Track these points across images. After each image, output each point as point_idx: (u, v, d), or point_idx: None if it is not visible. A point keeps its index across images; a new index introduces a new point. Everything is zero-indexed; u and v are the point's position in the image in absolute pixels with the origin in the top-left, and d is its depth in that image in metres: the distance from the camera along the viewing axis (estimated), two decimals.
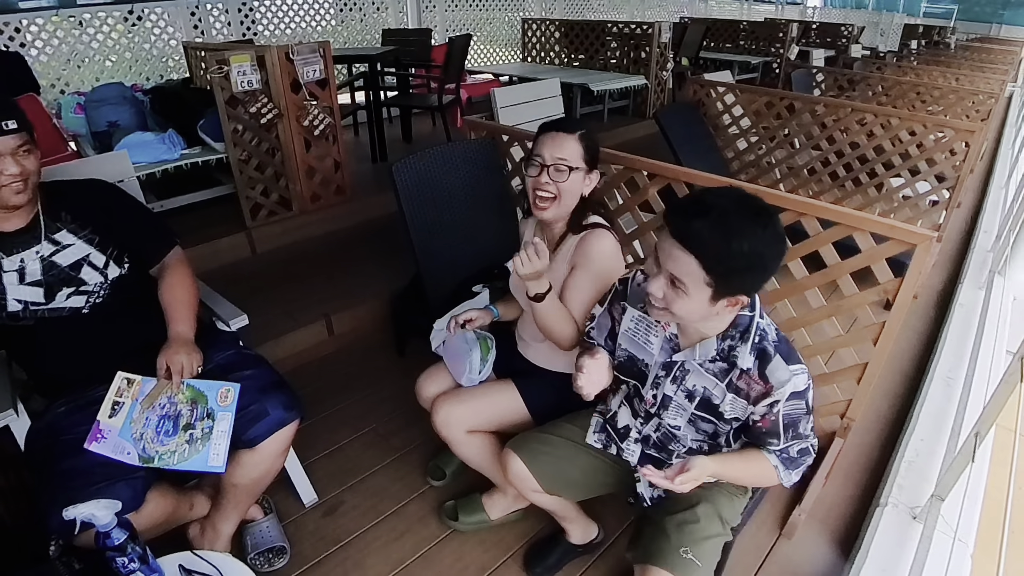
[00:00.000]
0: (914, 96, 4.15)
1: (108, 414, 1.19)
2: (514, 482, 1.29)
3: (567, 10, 7.97)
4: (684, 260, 0.91)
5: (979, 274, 2.94)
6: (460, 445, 1.43)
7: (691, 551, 1.06)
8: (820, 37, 8.70)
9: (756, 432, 1.06)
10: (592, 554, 1.49)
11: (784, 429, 1.03)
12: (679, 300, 0.95)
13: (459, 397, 1.44)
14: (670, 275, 0.94)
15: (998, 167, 4.90)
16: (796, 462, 1.08)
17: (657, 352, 1.13)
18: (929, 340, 2.47)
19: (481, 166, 2.09)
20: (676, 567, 1.04)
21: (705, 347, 1.04)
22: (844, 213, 1.49)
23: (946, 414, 1.93)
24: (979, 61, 7.47)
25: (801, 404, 1.01)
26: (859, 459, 1.82)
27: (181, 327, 1.30)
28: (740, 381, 1.02)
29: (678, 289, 0.94)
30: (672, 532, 1.09)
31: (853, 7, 15.13)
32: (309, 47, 2.79)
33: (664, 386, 1.12)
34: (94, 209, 1.30)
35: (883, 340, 1.49)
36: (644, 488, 1.23)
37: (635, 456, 1.24)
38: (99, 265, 1.28)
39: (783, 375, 0.98)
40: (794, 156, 3.36)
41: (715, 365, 1.05)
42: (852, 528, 1.59)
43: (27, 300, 1.22)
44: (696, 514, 1.12)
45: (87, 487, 1.09)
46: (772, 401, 1.00)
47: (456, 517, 1.54)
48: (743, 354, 1.00)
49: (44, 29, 3.99)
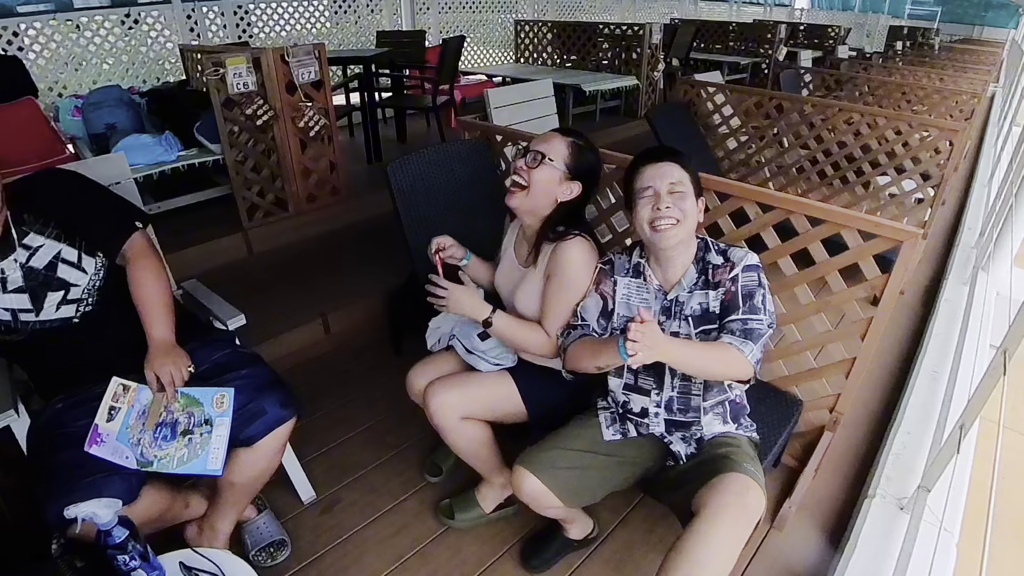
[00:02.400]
0: (899, 96, 4.21)
1: (106, 418, 1.18)
2: (527, 501, 1.26)
3: (559, 12, 8.01)
4: (670, 170, 1.20)
5: (963, 270, 2.98)
6: (452, 433, 1.40)
7: (751, 466, 1.15)
8: (808, 38, 8.76)
9: (722, 307, 1.21)
10: (588, 548, 1.51)
11: (742, 300, 1.19)
12: (684, 201, 1.19)
13: (454, 382, 1.41)
14: (668, 186, 1.19)
15: (981, 165, 4.97)
16: (752, 334, 1.16)
17: (653, 303, 1.26)
18: (915, 335, 2.51)
19: (475, 166, 2.10)
20: (745, 471, 1.11)
21: (688, 276, 1.24)
22: (832, 211, 1.50)
23: (932, 407, 1.96)
24: (962, 62, 7.59)
25: (754, 276, 1.20)
26: (848, 452, 1.84)
27: (157, 330, 1.24)
28: (716, 275, 1.22)
29: (679, 194, 1.19)
30: (726, 456, 1.17)
31: (839, 9, 15.28)
32: (304, 49, 2.80)
33: (668, 327, 1.25)
34: (53, 203, 1.24)
35: (871, 335, 1.50)
36: (679, 446, 1.28)
37: (660, 427, 1.29)
38: (73, 260, 1.23)
39: (739, 252, 1.23)
40: (783, 155, 3.40)
41: (699, 281, 1.24)
42: (841, 519, 1.61)
43: (14, 308, 1.19)
44: (737, 451, 1.21)
45: (82, 479, 1.09)
46: (734, 274, 1.20)
47: (452, 515, 1.56)
48: (712, 257, 1.24)
49: (42, 33, 3.99)
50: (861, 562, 1.39)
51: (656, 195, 1.19)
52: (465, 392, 1.40)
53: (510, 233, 1.52)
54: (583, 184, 1.37)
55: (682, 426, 1.27)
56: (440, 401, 1.37)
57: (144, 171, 2.66)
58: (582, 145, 1.36)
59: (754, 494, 1.07)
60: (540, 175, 1.32)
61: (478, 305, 1.31)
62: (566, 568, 1.47)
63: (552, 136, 1.36)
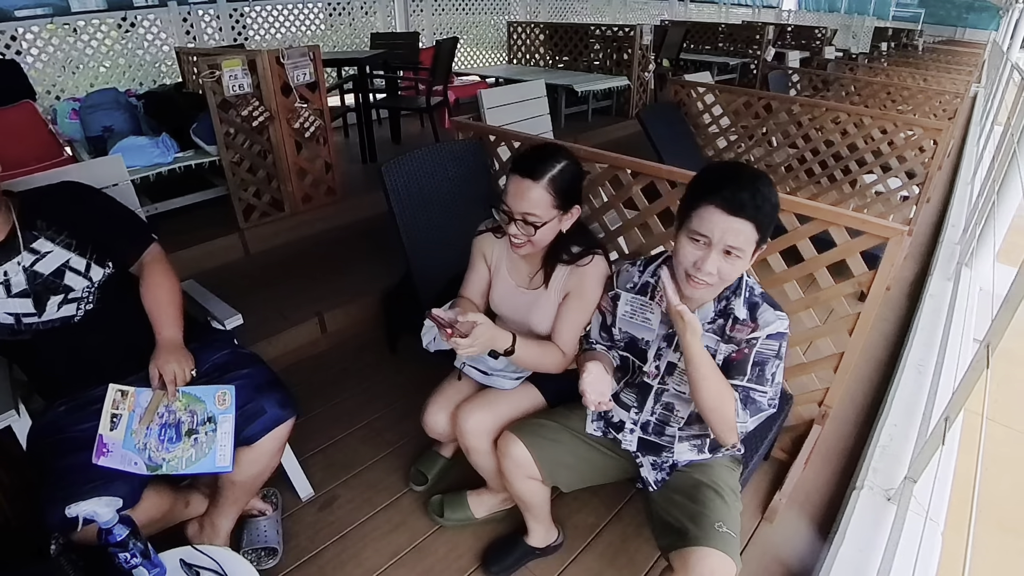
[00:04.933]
0: (885, 96, 4.27)
1: (109, 427, 1.18)
2: (510, 466, 1.27)
3: (551, 13, 8.03)
4: (741, 229, 0.99)
5: (947, 266, 3.02)
6: (482, 455, 1.38)
7: (724, 524, 1.08)
8: (795, 39, 8.83)
9: (726, 364, 1.11)
10: (550, 557, 1.50)
11: (752, 366, 1.08)
12: (734, 267, 1.03)
13: (483, 403, 1.38)
14: (726, 247, 1.01)
15: (964, 164, 5.04)
16: (753, 405, 1.08)
17: (657, 327, 1.20)
18: (901, 329, 2.55)
19: (469, 166, 2.11)
20: (718, 543, 1.05)
21: (704, 311, 1.13)
22: (820, 209, 1.51)
23: (918, 400, 1.99)
24: (945, 63, 7.68)
25: (775, 346, 1.08)
26: (836, 444, 1.87)
27: (168, 331, 1.28)
28: (734, 330, 1.10)
29: (733, 257, 1.02)
30: (700, 510, 1.11)
31: (826, 10, 15.39)
32: (299, 51, 2.81)
33: (667, 355, 1.19)
34: (67, 212, 1.27)
35: (858, 330, 1.52)
36: (648, 472, 1.26)
37: (633, 444, 1.28)
38: (80, 269, 1.25)
39: (770, 316, 1.09)
40: (772, 154, 3.44)
41: (714, 324, 1.13)
42: (830, 510, 1.63)
43: (18, 312, 1.19)
44: (712, 489, 1.16)
45: (85, 484, 1.09)
46: (754, 337, 1.08)
47: (442, 513, 1.56)
48: (738, 306, 1.10)
49: (39, 37, 3.99)
50: (850, 552, 1.42)
51: (707, 248, 1.02)
52: (497, 411, 1.37)
53: (492, 250, 1.45)
54: (578, 201, 1.30)
55: (654, 449, 1.26)
56: (475, 422, 1.34)
57: (141, 173, 2.66)
58: (557, 169, 1.23)
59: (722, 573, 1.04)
60: (539, 234, 1.25)
61: (499, 335, 1.20)
62: (560, 562, 1.48)
63: (528, 188, 1.21)
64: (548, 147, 1.29)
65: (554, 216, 1.25)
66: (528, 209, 1.23)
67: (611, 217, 1.95)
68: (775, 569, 1.47)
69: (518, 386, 1.44)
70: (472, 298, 1.47)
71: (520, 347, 1.24)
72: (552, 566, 1.48)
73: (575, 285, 1.32)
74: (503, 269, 1.45)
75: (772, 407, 1.11)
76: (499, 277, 1.46)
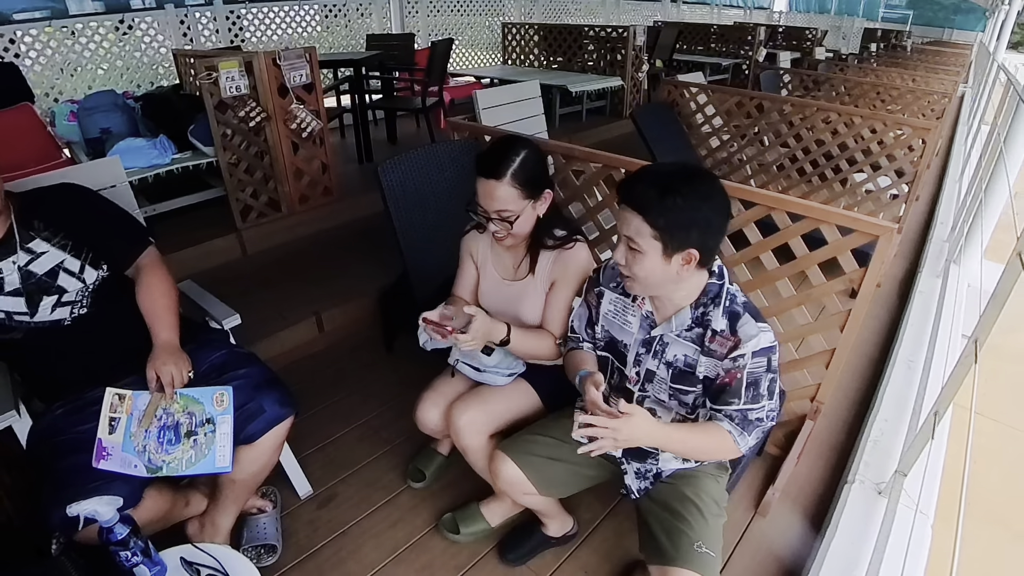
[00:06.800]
0: (874, 96, 4.31)
1: (107, 431, 1.18)
2: (505, 487, 1.28)
3: (546, 15, 8.05)
4: (631, 219, 1.01)
5: (936, 263, 3.05)
6: (477, 453, 1.38)
7: (704, 544, 1.08)
8: (786, 40, 8.86)
9: (717, 390, 1.10)
10: (566, 546, 1.52)
11: (746, 388, 1.06)
12: (637, 261, 1.03)
13: (476, 400, 1.39)
14: (626, 238, 1.03)
15: (952, 162, 5.10)
16: (752, 426, 1.09)
17: (636, 331, 1.19)
18: (892, 326, 2.57)
19: (464, 166, 2.11)
20: (696, 564, 1.05)
21: (680, 317, 1.11)
22: (811, 207, 1.52)
23: (908, 395, 2.01)
24: (933, 63, 7.74)
25: (764, 362, 1.06)
26: (828, 439, 1.90)
27: (165, 334, 1.28)
28: (713, 343, 1.08)
29: (634, 250, 1.03)
30: (680, 528, 1.12)
31: (816, 11, 15.50)
32: (295, 52, 2.82)
33: (646, 362, 1.18)
34: (65, 214, 1.28)
35: (849, 327, 1.53)
36: (631, 480, 1.26)
37: (618, 451, 1.26)
38: (74, 270, 1.26)
39: (751, 329, 1.05)
40: (764, 153, 3.47)
41: (691, 332, 1.11)
42: (822, 504, 1.65)
43: (9, 310, 1.20)
44: (694, 504, 1.15)
45: (85, 485, 1.10)
46: (739, 355, 1.05)
47: (456, 530, 1.52)
48: (716, 316, 1.08)
49: (38, 40, 3.99)
50: (842, 544, 1.43)
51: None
52: (490, 408, 1.38)
53: (478, 247, 1.48)
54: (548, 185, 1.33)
55: (639, 456, 1.25)
56: (468, 420, 1.35)
57: (139, 174, 2.66)
58: (517, 163, 1.25)
59: None
60: (517, 226, 1.29)
61: (495, 328, 1.24)
62: (556, 557, 1.50)
63: (493, 188, 1.24)
64: (503, 142, 1.31)
65: (525, 206, 1.29)
66: (499, 207, 1.26)
67: (605, 216, 1.96)
68: (769, 562, 1.49)
69: (511, 383, 1.45)
70: (464, 296, 1.50)
71: (515, 336, 1.28)
72: (549, 561, 1.49)
73: (560, 273, 1.35)
74: (488, 264, 1.47)
75: (772, 420, 1.10)
76: (485, 272, 1.48)
